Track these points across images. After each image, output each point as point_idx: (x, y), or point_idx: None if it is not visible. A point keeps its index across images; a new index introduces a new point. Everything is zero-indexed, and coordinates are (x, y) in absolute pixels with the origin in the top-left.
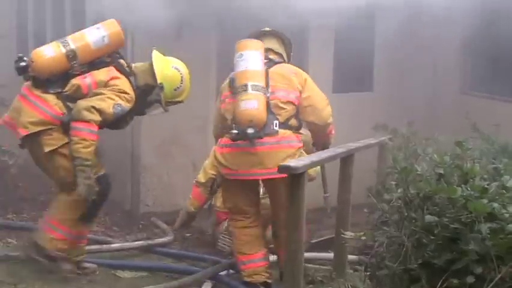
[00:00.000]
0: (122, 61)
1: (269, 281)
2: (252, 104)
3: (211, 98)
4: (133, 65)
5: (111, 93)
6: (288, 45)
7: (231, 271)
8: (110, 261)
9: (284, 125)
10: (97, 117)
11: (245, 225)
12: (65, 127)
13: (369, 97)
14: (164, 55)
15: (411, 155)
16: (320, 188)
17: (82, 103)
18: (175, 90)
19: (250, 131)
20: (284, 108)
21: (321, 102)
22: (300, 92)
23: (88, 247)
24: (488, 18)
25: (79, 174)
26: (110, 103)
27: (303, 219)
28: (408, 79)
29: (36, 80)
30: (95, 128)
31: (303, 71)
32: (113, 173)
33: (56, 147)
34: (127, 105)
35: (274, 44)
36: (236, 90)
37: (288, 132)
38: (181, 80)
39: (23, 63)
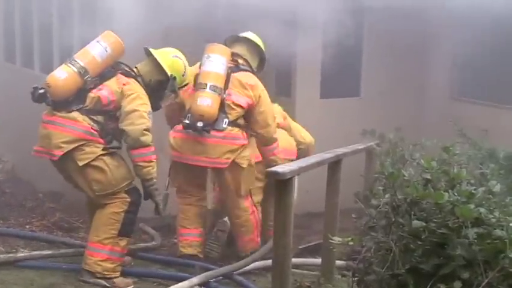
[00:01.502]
0: (125, 67)
1: (200, 255)
2: (206, 102)
3: None
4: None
5: (139, 105)
6: (258, 54)
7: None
8: None
9: (233, 123)
10: (150, 137)
11: (189, 202)
12: (95, 140)
13: (357, 102)
14: None
15: (399, 161)
16: (310, 192)
17: (133, 130)
18: (183, 75)
19: (199, 124)
20: (234, 109)
21: (271, 119)
22: (253, 101)
23: (67, 251)
24: (478, 24)
25: (154, 193)
26: (147, 116)
27: (290, 225)
28: (396, 84)
29: (56, 103)
30: (153, 148)
31: (292, 76)
32: None
33: (89, 160)
34: (149, 106)
35: (243, 51)
36: (197, 86)
37: (236, 129)
38: (184, 65)
39: (41, 91)
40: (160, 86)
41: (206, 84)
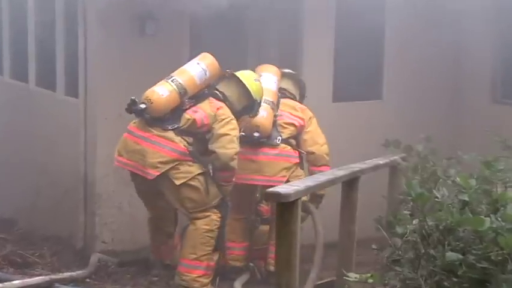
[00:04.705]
0: (216, 90)
1: (244, 268)
2: (261, 113)
3: None
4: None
5: (230, 129)
6: (302, 87)
7: None
8: None
9: (286, 141)
10: (236, 162)
11: (237, 218)
12: (188, 160)
13: (378, 107)
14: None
15: (430, 178)
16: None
17: (225, 155)
18: (262, 98)
19: (256, 134)
20: (287, 128)
21: (320, 139)
22: (304, 123)
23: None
24: None
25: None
26: (236, 140)
27: (296, 258)
28: (426, 85)
29: (152, 120)
30: (236, 171)
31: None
32: (61, 202)
33: (186, 180)
34: (238, 131)
35: (289, 85)
36: None
37: (289, 147)
38: (262, 89)
39: (142, 106)
40: (244, 110)
41: None
